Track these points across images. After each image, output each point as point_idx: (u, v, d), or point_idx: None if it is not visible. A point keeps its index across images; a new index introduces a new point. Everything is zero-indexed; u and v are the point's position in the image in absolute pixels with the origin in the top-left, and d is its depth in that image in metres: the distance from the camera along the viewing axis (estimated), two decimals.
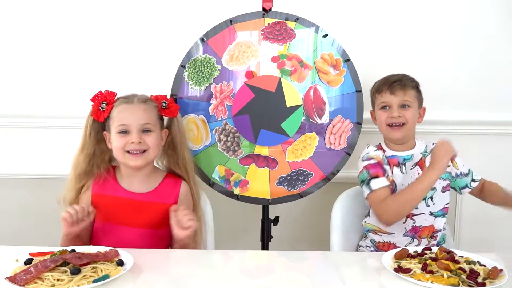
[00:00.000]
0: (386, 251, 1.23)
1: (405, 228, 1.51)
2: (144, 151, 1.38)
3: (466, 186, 1.59)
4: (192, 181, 1.49)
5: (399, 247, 1.36)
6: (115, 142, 1.37)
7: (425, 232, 1.52)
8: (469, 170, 1.58)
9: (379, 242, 1.55)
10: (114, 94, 1.42)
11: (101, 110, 1.40)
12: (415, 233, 1.51)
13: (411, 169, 1.52)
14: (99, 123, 1.41)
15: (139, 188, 1.41)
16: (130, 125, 1.36)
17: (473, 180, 1.58)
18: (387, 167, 1.51)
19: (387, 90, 1.50)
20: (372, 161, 1.50)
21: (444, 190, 1.53)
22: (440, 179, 1.50)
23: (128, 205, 1.38)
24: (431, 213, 1.51)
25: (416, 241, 1.52)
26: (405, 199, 1.41)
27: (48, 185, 1.81)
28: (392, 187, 1.49)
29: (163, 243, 1.43)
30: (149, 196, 1.41)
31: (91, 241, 1.39)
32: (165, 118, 1.48)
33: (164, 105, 1.46)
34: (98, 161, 1.42)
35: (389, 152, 1.55)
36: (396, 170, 1.52)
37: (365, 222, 1.59)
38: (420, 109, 1.55)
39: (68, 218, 1.25)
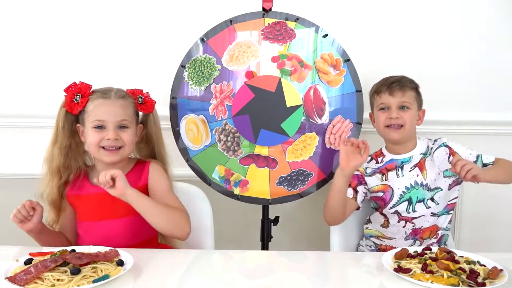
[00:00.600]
0: None
1: (405, 232, 1.51)
2: (120, 147, 1.36)
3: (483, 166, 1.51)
4: (168, 170, 1.47)
5: None
6: (90, 137, 1.35)
7: (426, 233, 1.52)
8: (477, 157, 1.50)
9: (381, 245, 1.55)
10: (89, 86, 1.38)
11: (75, 102, 1.35)
12: (415, 235, 1.51)
13: (409, 171, 1.52)
14: (72, 115, 1.37)
15: None
16: (106, 120, 1.33)
17: (484, 165, 1.49)
18: (370, 178, 1.54)
19: (386, 91, 1.50)
20: (356, 172, 1.55)
21: (450, 187, 1.52)
22: (445, 177, 1.50)
23: (103, 199, 1.34)
24: (433, 214, 1.51)
25: (418, 243, 1.52)
26: (326, 202, 1.49)
27: None
28: (389, 192, 1.51)
29: (148, 228, 1.36)
30: None
31: (77, 241, 1.41)
32: (140, 114, 1.46)
33: (140, 100, 1.42)
34: (75, 154, 1.39)
35: (388, 156, 1.56)
36: (391, 174, 1.53)
37: (366, 228, 1.59)
38: (419, 111, 1.55)
39: (12, 219, 1.27)
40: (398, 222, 1.51)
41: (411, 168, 1.53)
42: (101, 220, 1.37)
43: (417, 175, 1.51)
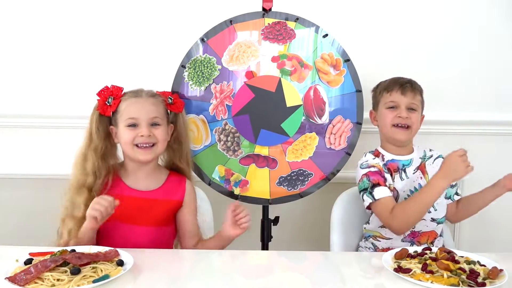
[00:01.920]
0: None
1: (404, 233, 1.50)
2: (153, 145, 1.38)
3: (450, 197, 1.56)
4: (192, 178, 1.52)
5: None
6: (124, 135, 1.37)
7: (424, 237, 1.50)
8: (455, 183, 1.55)
9: (377, 247, 1.55)
10: (121, 89, 1.42)
11: (108, 104, 1.39)
12: (413, 238, 1.50)
13: (413, 173, 1.52)
14: (105, 117, 1.41)
15: (145, 186, 1.41)
16: (139, 118, 1.36)
17: (457, 194, 1.57)
18: (387, 175, 1.50)
19: (398, 90, 1.49)
20: (373, 169, 1.48)
21: (446, 196, 1.53)
22: None
23: (135, 204, 1.37)
24: (433, 219, 1.50)
25: (415, 246, 1.50)
26: (414, 209, 1.36)
27: (48, 185, 1.80)
28: (394, 195, 1.48)
29: (168, 241, 1.44)
30: (156, 194, 1.41)
31: (98, 241, 1.36)
32: (170, 114, 1.49)
33: (170, 101, 1.47)
34: (110, 156, 1.42)
35: (388, 156, 1.54)
36: (396, 176, 1.51)
37: (365, 228, 1.59)
38: (421, 113, 1.55)
39: (98, 216, 1.19)
40: None
41: (414, 170, 1.52)
42: (126, 223, 1.37)
43: (421, 178, 1.51)
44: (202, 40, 1.59)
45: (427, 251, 1.18)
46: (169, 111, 1.48)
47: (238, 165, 1.62)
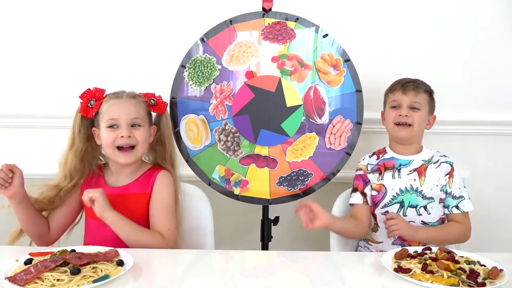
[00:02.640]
0: None
1: (393, 236, 1.49)
2: (133, 147, 1.38)
3: (447, 207, 1.52)
4: (176, 176, 1.49)
5: None
6: (104, 137, 1.37)
7: (415, 241, 1.47)
8: (460, 196, 1.50)
9: (371, 251, 1.55)
10: (103, 91, 1.42)
11: (90, 106, 1.39)
12: (403, 241, 1.49)
13: (407, 174, 1.52)
14: (88, 119, 1.41)
15: (124, 182, 1.42)
16: (119, 119, 1.36)
17: (457, 207, 1.50)
18: (374, 174, 1.54)
19: (399, 89, 1.52)
20: (358, 172, 1.58)
21: (441, 201, 1.52)
22: (441, 191, 1.51)
23: (111, 200, 1.34)
24: (424, 223, 1.50)
25: (415, 246, 1.49)
26: (349, 232, 1.51)
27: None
28: (383, 191, 1.52)
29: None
30: (129, 188, 1.41)
31: (84, 238, 1.41)
32: (153, 116, 1.49)
33: (153, 102, 1.47)
34: (90, 157, 1.42)
35: (389, 154, 1.56)
36: (387, 174, 1.53)
37: None
38: (430, 115, 1.55)
39: None
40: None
41: (409, 171, 1.53)
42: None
43: (414, 180, 1.51)
44: (202, 40, 1.59)
45: (427, 251, 1.18)
46: (152, 112, 1.47)
47: (238, 165, 1.62)
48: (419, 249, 1.21)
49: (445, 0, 1.87)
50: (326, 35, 1.60)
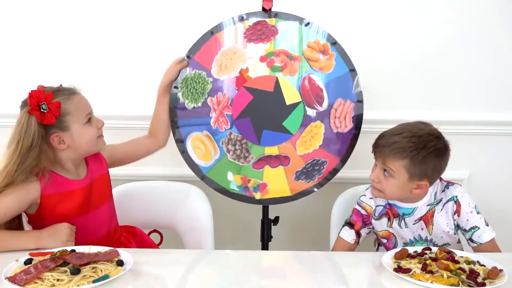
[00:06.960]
0: None
1: None
2: None
3: (470, 239, 1.37)
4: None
5: None
6: (88, 133, 1.32)
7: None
8: (472, 228, 1.34)
9: None
10: (43, 91, 1.26)
11: (44, 111, 1.24)
12: None
13: (413, 224, 1.39)
14: (42, 129, 1.25)
15: (83, 174, 1.38)
16: (91, 111, 1.36)
17: (471, 240, 1.35)
18: (383, 219, 1.42)
19: (373, 149, 1.38)
20: (361, 210, 1.46)
21: (459, 241, 1.42)
22: (454, 234, 1.38)
23: (85, 192, 1.34)
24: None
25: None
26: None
27: None
28: (393, 240, 1.44)
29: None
30: (92, 174, 1.39)
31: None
32: None
33: None
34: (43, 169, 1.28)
35: (391, 201, 1.42)
36: (395, 222, 1.41)
37: None
38: (418, 181, 1.31)
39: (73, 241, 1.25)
40: None
41: (415, 221, 1.39)
42: (90, 212, 1.36)
43: (422, 229, 1.39)
44: (187, 57, 1.56)
45: (427, 251, 1.18)
46: None
47: (252, 170, 1.60)
48: (419, 249, 1.21)
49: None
50: (308, 23, 1.58)
